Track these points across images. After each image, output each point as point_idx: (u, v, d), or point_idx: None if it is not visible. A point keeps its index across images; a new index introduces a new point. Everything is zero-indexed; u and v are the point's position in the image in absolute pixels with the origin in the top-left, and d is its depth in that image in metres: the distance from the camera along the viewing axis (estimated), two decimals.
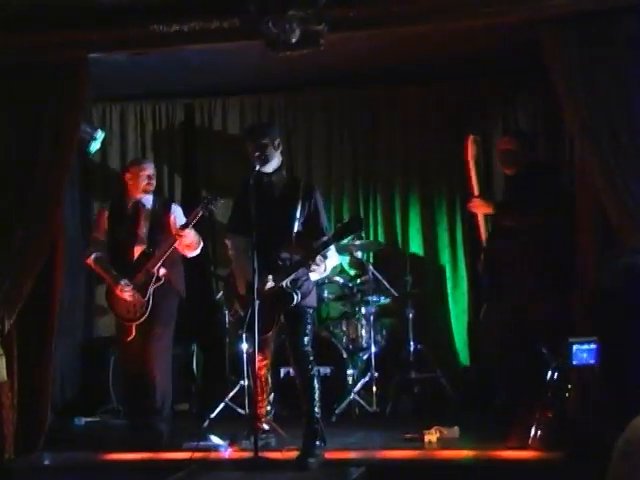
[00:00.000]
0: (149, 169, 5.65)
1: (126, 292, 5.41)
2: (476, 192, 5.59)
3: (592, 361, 4.43)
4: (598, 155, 4.51)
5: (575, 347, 4.43)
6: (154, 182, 5.67)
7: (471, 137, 5.72)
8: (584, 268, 4.71)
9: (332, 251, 4.85)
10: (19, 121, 5.13)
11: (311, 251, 4.64)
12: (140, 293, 5.40)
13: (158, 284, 5.41)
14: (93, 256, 5.61)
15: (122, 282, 5.42)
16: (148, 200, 5.64)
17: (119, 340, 5.58)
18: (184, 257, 5.65)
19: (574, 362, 4.44)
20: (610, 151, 4.47)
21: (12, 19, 4.91)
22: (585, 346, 4.43)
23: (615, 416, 4.03)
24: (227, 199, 5.51)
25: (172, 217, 5.58)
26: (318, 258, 4.61)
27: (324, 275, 4.93)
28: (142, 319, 5.39)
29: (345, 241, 6.62)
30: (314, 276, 4.79)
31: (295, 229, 4.74)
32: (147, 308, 5.38)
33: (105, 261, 5.58)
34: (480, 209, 5.58)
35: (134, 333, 5.43)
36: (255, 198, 4.67)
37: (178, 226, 5.41)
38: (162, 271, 5.43)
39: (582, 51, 4.56)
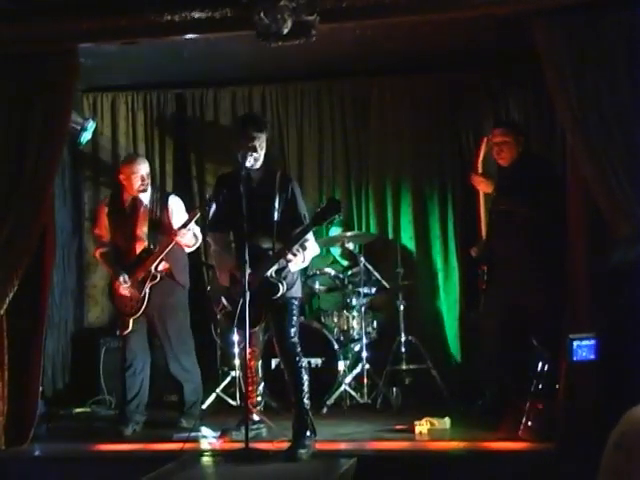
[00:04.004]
0: (142, 169, 5.61)
1: (122, 287, 5.51)
2: (479, 170, 5.69)
3: (592, 356, 4.44)
4: (588, 147, 4.51)
5: (576, 343, 4.43)
6: (148, 181, 5.65)
7: (486, 139, 5.89)
8: (575, 259, 4.71)
9: (311, 241, 4.86)
10: (8, 113, 5.09)
11: (290, 240, 4.65)
12: (137, 289, 5.48)
13: (155, 282, 5.49)
14: (98, 252, 5.77)
15: (120, 277, 5.51)
16: (146, 196, 5.66)
17: (118, 333, 5.65)
18: None
19: (575, 358, 4.44)
20: (600, 143, 4.47)
21: (0, 9, 4.87)
22: (585, 342, 4.43)
23: (608, 407, 4.05)
24: None
25: (170, 210, 5.64)
26: (295, 248, 4.63)
27: (303, 265, 4.94)
28: (138, 314, 5.49)
29: (335, 232, 6.67)
30: (293, 267, 4.80)
31: (275, 219, 4.75)
32: (142, 304, 5.48)
33: (110, 255, 5.70)
34: (481, 185, 5.65)
35: (130, 327, 5.52)
36: (233, 191, 4.75)
37: (175, 225, 5.47)
38: (162, 266, 5.52)
39: (573, 43, 4.55)
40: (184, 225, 5.34)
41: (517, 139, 5.54)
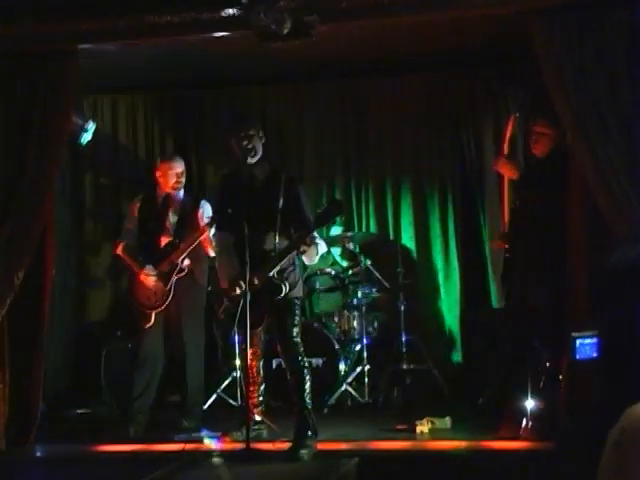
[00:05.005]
0: (178, 167, 5.73)
1: (150, 277, 5.53)
2: (505, 151, 5.61)
3: (594, 355, 4.44)
4: (587, 146, 4.51)
5: (578, 341, 4.43)
6: (183, 180, 5.76)
7: (513, 117, 5.83)
8: (576, 259, 4.71)
9: (319, 238, 4.88)
10: (8, 113, 5.09)
11: (296, 239, 4.66)
12: (162, 281, 5.51)
13: (181, 275, 5.54)
14: (121, 245, 5.76)
15: (147, 267, 5.54)
16: (179, 194, 5.76)
17: (137, 327, 5.64)
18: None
19: (577, 356, 4.44)
20: (599, 142, 4.47)
21: (0, 10, 4.87)
22: (588, 340, 4.43)
23: (609, 406, 4.05)
24: None
25: (200, 212, 5.68)
26: (308, 239, 4.62)
27: (315, 260, 4.94)
28: (162, 307, 5.51)
29: (335, 232, 6.67)
30: (307, 260, 4.83)
31: (278, 220, 4.75)
32: (168, 297, 5.51)
33: (133, 249, 5.71)
34: (505, 170, 5.54)
35: (153, 320, 5.53)
36: (236, 191, 4.77)
37: (206, 221, 5.50)
38: (186, 262, 5.55)
39: (572, 42, 4.55)
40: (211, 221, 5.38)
41: (555, 133, 5.48)
